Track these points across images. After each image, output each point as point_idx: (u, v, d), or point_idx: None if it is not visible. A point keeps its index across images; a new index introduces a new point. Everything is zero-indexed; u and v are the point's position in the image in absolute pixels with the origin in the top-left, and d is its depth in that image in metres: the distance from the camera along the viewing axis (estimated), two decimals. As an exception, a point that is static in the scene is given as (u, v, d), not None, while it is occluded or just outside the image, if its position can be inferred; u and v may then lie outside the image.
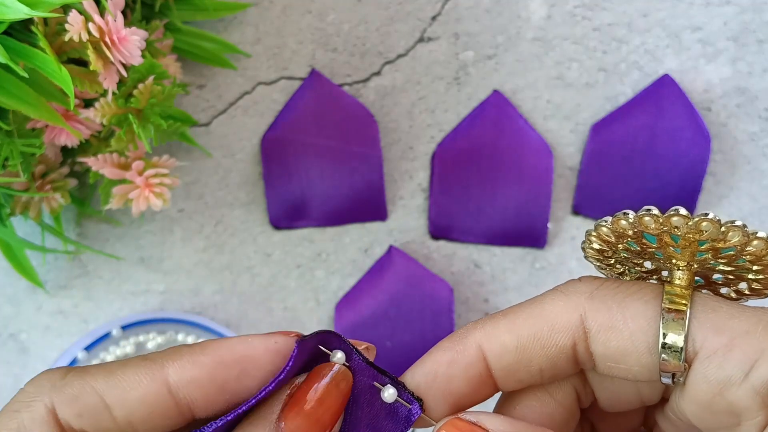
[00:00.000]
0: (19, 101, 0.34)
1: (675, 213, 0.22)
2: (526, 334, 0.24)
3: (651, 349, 0.23)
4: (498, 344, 0.24)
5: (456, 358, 0.25)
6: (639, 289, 0.24)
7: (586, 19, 0.49)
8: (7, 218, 0.43)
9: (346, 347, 0.25)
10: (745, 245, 0.22)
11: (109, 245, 0.48)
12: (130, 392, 0.23)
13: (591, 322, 0.23)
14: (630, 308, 0.23)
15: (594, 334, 0.23)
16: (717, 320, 0.23)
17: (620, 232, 0.24)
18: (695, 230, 0.22)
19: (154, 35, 0.42)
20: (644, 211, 0.23)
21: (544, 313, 0.24)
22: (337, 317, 0.48)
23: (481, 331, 0.25)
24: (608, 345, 0.23)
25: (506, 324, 0.24)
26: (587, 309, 0.24)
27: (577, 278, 0.25)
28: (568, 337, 0.24)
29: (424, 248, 0.49)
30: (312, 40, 0.49)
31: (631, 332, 0.23)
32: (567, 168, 0.49)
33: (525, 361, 0.24)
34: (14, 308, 0.47)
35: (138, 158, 0.41)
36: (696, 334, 0.23)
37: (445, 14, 0.49)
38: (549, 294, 0.25)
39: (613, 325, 0.23)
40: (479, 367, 0.25)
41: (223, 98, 0.49)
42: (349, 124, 0.48)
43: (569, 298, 0.24)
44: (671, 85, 0.48)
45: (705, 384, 0.23)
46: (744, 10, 0.49)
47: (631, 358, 0.23)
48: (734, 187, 0.49)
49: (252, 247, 0.49)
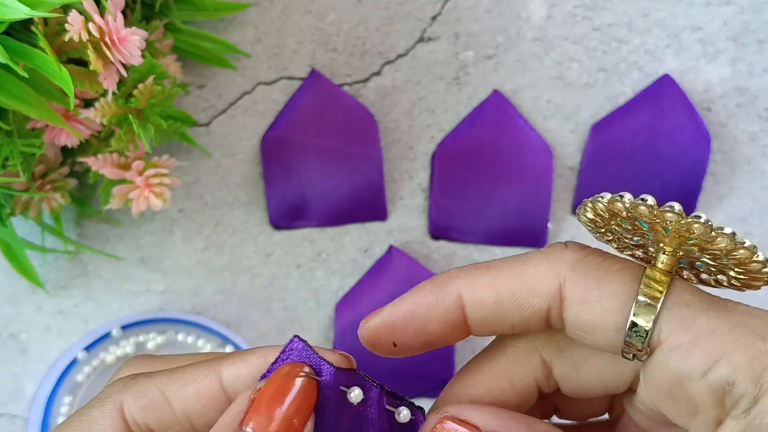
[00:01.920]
0: (19, 101, 0.34)
1: (670, 209, 0.23)
2: (505, 292, 0.25)
3: (619, 328, 0.24)
4: (477, 296, 0.25)
5: (435, 303, 0.26)
6: (620, 269, 0.24)
7: (586, 19, 0.49)
8: (7, 218, 0.43)
9: (360, 380, 0.25)
10: (731, 251, 0.23)
11: (109, 245, 0.48)
12: (188, 387, 0.25)
13: (568, 291, 0.24)
14: (607, 287, 0.24)
15: (568, 304, 0.24)
16: (687, 315, 0.23)
17: (614, 211, 0.24)
18: (686, 229, 0.23)
19: (154, 35, 0.42)
20: (640, 200, 0.23)
21: (525, 275, 0.25)
22: (337, 317, 0.48)
23: (464, 281, 0.26)
24: (579, 316, 0.24)
25: (488, 279, 0.25)
26: (567, 278, 0.24)
27: (563, 243, 0.26)
28: (545, 302, 0.25)
29: (424, 248, 0.49)
30: (312, 40, 0.49)
31: (603, 309, 0.24)
32: (567, 168, 0.49)
33: (500, 316, 0.25)
34: (14, 308, 0.47)
35: (138, 158, 0.41)
36: (664, 324, 0.23)
37: (445, 14, 0.49)
38: (533, 255, 0.25)
39: (588, 299, 0.24)
40: (456, 313, 0.26)
41: (223, 98, 0.49)
42: (349, 124, 0.48)
43: (552, 264, 0.25)
44: (671, 85, 0.48)
45: (666, 372, 0.23)
46: (744, 10, 0.49)
47: (598, 332, 0.24)
48: (734, 187, 0.49)
49: (252, 247, 0.49)
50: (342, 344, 0.48)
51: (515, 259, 0.26)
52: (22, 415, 0.47)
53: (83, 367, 0.46)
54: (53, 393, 0.46)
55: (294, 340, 0.26)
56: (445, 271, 0.26)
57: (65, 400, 0.46)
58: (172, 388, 0.25)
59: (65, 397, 0.46)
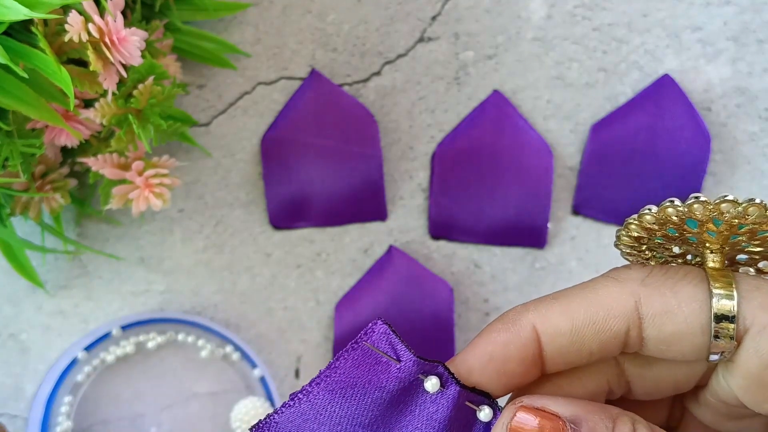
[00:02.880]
0: (19, 101, 0.34)
1: (723, 200, 0.23)
2: (581, 318, 0.25)
3: (704, 329, 0.24)
4: (552, 326, 0.25)
5: (512, 339, 0.25)
6: (686, 274, 0.25)
7: (586, 19, 0.49)
8: (7, 218, 0.43)
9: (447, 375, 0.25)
10: None
11: (109, 245, 0.48)
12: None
13: (646, 307, 0.24)
14: (682, 292, 0.24)
15: (649, 320, 0.24)
16: (763, 298, 0.24)
17: (665, 219, 0.25)
18: (742, 215, 0.23)
19: (154, 35, 0.42)
20: (693, 198, 0.24)
21: (598, 298, 0.25)
22: (337, 317, 0.48)
23: (534, 313, 0.25)
24: (663, 329, 0.24)
25: (560, 307, 0.25)
26: (642, 295, 0.24)
27: (626, 265, 0.26)
28: (623, 323, 0.24)
29: (424, 248, 0.49)
30: (312, 40, 0.49)
31: (685, 315, 0.24)
32: (567, 168, 0.49)
33: (578, 344, 0.25)
34: (14, 308, 0.47)
35: (138, 158, 0.41)
36: (746, 311, 0.24)
37: (445, 14, 0.49)
38: (601, 280, 0.25)
39: (668, 309, 0.24)
40: (533, 347, 0.25)
41: (223, 98, 0.49)
42: (349, 124, 0.48)
43: (623, 284, 0.25)
44: (671, 85, 0.48)
45: (756, 357, 0.24)
46: (744, 10, 0.49)
47: (685, 339, 0.24)
48: (734, 187, 0.49)
49: (252, 247, 0.49)
50: (342, 344, 0.48)
51: (583, 286, 0.25)
52: (22, 415, 0.47)
53: (84, 366, 0.46)
54: (53, 393, 0.46)
55: (378, 323, 0.25)
56: (512, 308, 0.26)
57: (65, 399, 0.46)
58: None
59: (65, 396, 0.46)
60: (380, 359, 0.25)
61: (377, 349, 0.25)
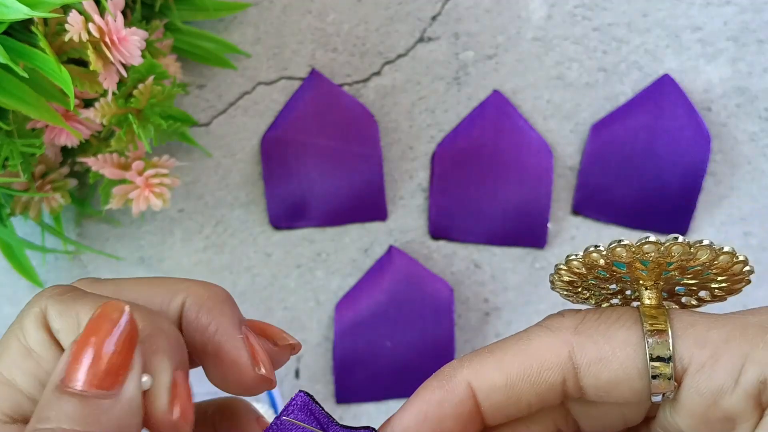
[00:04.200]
0: (19, 101, 0.34)
1: (646, 241, 0.23)
2: (516, 372, 0.24)
3: (641, 373, 0.23)
4: (487, 382, 0.24)
5: (446, 397, 0.25)
6: (619, 317, 0.24)
7: (586, 19, 0.49)
8: (7, 218, 0.43)
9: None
10: (713, 261, 0.23)
11: (109, 245, 0.48)
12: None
13: (580, 357, 0.24)
14: (615, 338, 0.23)
15: (584, 369, 0.24)
16: (697, 334, 0.23)
17: (591, 264, 0.24)
18: (666, 254, 0.23)
19: (154, 35, 0.42)
20: (615, 242, 0.23)
21: (531, 350, 0.24)
22: (337, 317, 0.48)
23: (469, 369, 0.25)
24: (600, 377, 0.24)
25: (494, 362, 0.24)
26: (574, 344, 0.24)
27: (558, 313, 0.25)
28: (558, 374, 0.24)
29: (424, 248, 0.49)
30: (312, 40, 0.49)
31: (620, 362, 0.23)
32: (567, 168, 0.49)
33: (514, 398, 0.24)
34: (14, 308, 0.47)
35: (138, 158, 0.41)
36: (682, 351, 0.23)
37: (445, 14, 0.49)
38: (534, 330, 0.25)
39: (602, 357, 0.23)
40: (468, 404, 0.25)
41: (223, 98, 0.49)
42: (349, 124, 0.48)
43: (555, 334, 0.24)
44: (671, 85, 0.48)
45: (698, 397, 0.23)
46: (744, 10, 0.49)
47: (623, 385, 0.24)
48: (734, 187, 0.49)
49: (252, 247, 0.49)
50: (342, 344, 0.48)
51: (517, 337, 0.25)
52: (22, 415, 0.47)
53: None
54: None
55: (298, 394, 0.25)
56: (447, 363, 0.25)
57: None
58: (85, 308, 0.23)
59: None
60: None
61: (300, 423, 0.24)
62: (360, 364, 0.48)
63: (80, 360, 0.21)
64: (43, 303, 0.23)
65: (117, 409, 0.21)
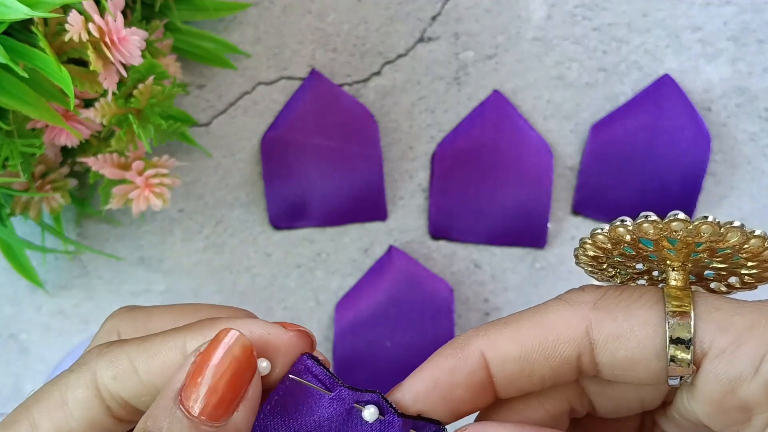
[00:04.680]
0: (19, 101, 0.34)
1: (674, 218, 0.22)
2: (530, 344, 0.24)
3: (659, 354, 0.23)
4: (501, 353, 0.24)
5: (458, 365, 0.24)
6: (641, 295, 0.24)
7: (586, 19, 0.49)
8: (7, 218, 0.43)
9: (378, 400, 0.24)
10: (743, 244, 0.22)
11: (109, 245, 0.48)
12: (154, 359, 0.24)
13: (597, 332, 0.23)
14: (635, 316, 0.23)
15: (601, 345, 0.23)
16: (721, 319, 0.22)
17: (617, 239, 0.24)
18: (695, 233, 0.22)
19: (154, 35, 0.42)
20: (642, 217, 0.23)
21: (548, 322, 0.24)
22: (337, 317, 0.48)
23: (484, 339, 0.24)
24: (616, 355, 0.23)
25: (509, 332, 0.24)
26: (593, 319, 0.23)
27: (580, 287, 0.25)
28: (573, 348, 0.24)
29: (424, 248, 0.49)
30: (312, 40, 0.49)
31: (638, 340, 0.23)
32: (567, 168, 0.49)
33: (528, 371, 0.24)
34: (14, 308, 0.47)
35: (138, 158, 0.41)
36: (703, 334, 0.22)
37: (445, 14, 0.49)
38: (552, 303, 0.24)
39: (620, 334, 0.23)
40: (481, 374, 0.24)
41: (223, 98, 0.49)
42: (349, 124, 0.48)
43: (574, 308, 0.24)
44: (671, 85, 0.48)
45: (716, 383, 0.23)
46: (744, 10, 0.49)
47: (640, 365, 0.23)
48: (734, 187, 0.49)
49: (252, 247, 0.49)
50: (342, 344, 0.48)
51: (534, 310, 0.25)
52: (22, 415, 0.47)
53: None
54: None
55: (302, 357, 0.25)
56: (464, 333, 0.25)
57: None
58: (141, 359, 0.24)
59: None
60: (311, 392, 0.24)
61: (304, 381, 0.24)
62: (360, 364, 0.48)
63: (198, 382, 0.22)
64: (93, 365, 0.25)
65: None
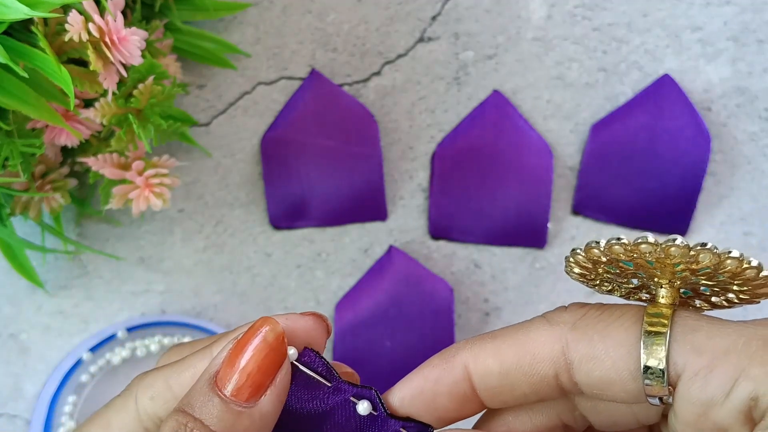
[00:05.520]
0: (19, 101, 0.34)
1: (643, 241, 0.22)
2: (509, 361, 0.24)
3: (634, 375, 0.23)
4: (482, 367, 0.25)
5: (443, 376, 0.25)
6: (620, 316, 0.24)
7: (586, 19, 0.49)
8: (7, 218, 0.43)
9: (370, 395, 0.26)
10: (718, 265, 0.22)
11: (109, 245, 0.48)
12: (185, 373, 0.26)
13: (573, 353, 0.24)
14: (611, 337, 0.23)
15: (576, 365, 0.24)
16: (697, 341, 0.23)
17: (595, 259, 0.24)
18: (665, 255, 0.22)
19: (154, 35, 0.42)
20: (615, 239, 0.23)
21: (528, 341, 0.24)
22: (337, 317, 0.48)
23: (468, 352, 0.25)
24: (591, 375, 0.23)
25: (492, 348, 0.25)
26: (569, 340, 0.24)
27: (565, 306, 0.25)
28: (550, 368, 0.24)
29: (424, 248, 0.49)
30: (312, 40, 0.49)
31: (612, 361, 0.23)
32: (567, 168, 0.49)
33: (508, 386, 0.25)
34: (14, 308, 0.47)
35: (138, 158, 0.41)
36: (677, 356, 0.23)
37: (445, 14, 0.49)
38: (535, 321, 0.25)
39: (595, 355, 0.23)
40: (464, 385, 0.25)
41: (223, 98, 0.49)
42: (349, 124, 0.48)
43: (553, 328, 0.24)
44: (671, 85, 0.48)
45: (690, 405, 0.23)
46: (744, 10, 0.49)
47: (615, 386, 0.23)
48: (734, 187, 0.49)
49: (252, 247, 0.49)
50: (342, 344, 0.48)
51: (518, 327, 0.25)
52: (21, 415, 0.47)
53: (88, 367, 0.46)
54: (57, 393, 0.46)
55: (305, 350, 0.26)
56: (455, 343, 0.26)
57: (69, 399, 0.46)
58: (174, 376, 0.25)
59: (69, 396, 0.46)
60: (311, 381, 0.26)
61: (308, 369, 0.26)
62: (360, 364, 0.48)
63: (234, 366, 0.24)
64: (134, 389, 0.26)
65: (250, 419, 0.23)
